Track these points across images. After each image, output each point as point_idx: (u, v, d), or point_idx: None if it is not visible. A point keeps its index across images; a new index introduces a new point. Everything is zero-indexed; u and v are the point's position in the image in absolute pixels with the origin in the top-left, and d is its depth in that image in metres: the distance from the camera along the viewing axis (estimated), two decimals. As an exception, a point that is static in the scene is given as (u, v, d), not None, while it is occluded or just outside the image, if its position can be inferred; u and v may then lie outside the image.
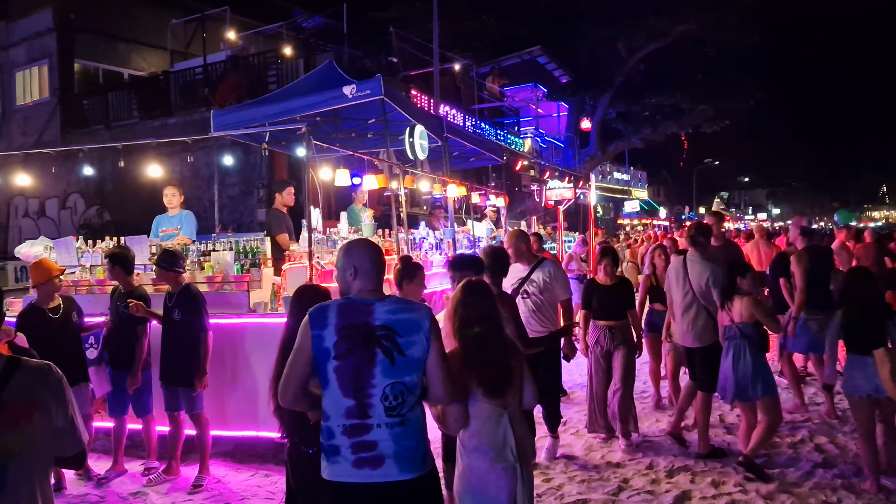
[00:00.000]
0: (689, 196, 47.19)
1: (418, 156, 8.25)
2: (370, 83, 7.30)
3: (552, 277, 5.24)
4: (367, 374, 2.50)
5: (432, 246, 8.82)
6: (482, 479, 2.96)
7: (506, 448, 2.97)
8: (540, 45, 26.85)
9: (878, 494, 4.66)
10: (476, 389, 2.95)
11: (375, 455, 2.49)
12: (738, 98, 21.55)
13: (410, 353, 2.53)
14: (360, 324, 2.53)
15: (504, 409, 3.00)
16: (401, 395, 2.51)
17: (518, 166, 17.00)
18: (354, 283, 2.66)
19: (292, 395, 2.61)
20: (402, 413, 2.52)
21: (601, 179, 32.20)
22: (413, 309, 2.64)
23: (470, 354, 2.98)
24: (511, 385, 3.03)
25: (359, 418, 2.50)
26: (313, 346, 2.54)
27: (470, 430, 2.99)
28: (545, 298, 5.23)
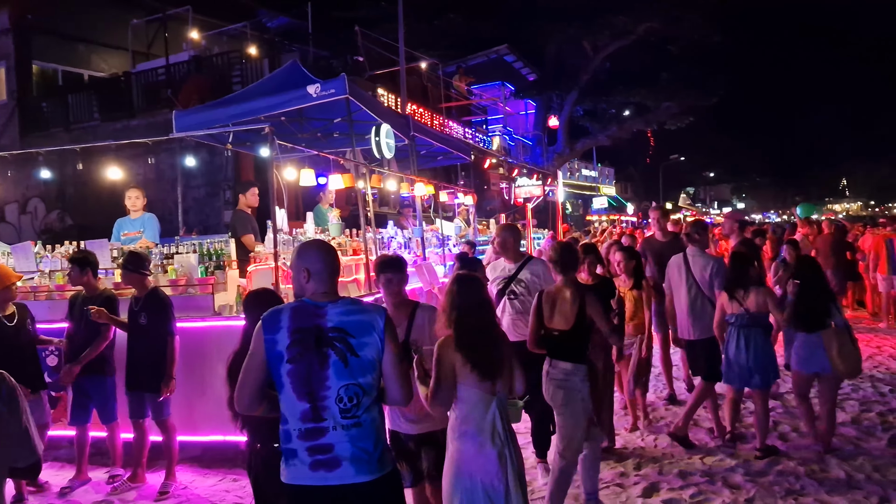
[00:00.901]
0: (656, 192, 47.70)
1: (385, 155, 8.21)
2: (335, 82, 7.25)
3: (542, 277, 4.92)
4: (321, 376, 2.49)
5: (401, 245, 8.80)
6: (470, 462, 3.04)
7: (494, 433, 3.06)
8: (507, 43, 26.95)
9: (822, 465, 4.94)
10: (468, 375, 3.03)
11: (331, 457, 2.48)
12: (701, 95, 21.88)
13: (364, 355, 2.52)
14: (311, 326, 2.52)
15: (493, 396, 3.09)
16: (355, 396, 2.50)
17: (486, 164, 17.06)
18: (308, 286, 2.64)
19: (248, 400, 2.60)
20: (358, 415, 2.51)
21: (569, 176, 32.42)
22: (366, 310, 2.62)
23: (464, 341, 3.05)
24: (502, 371, 3.13)
25: (313, 421, 2.49)
26: (266, 351, 2.53)
27: (460, 415, 3.09)
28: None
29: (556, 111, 25.00)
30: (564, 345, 4.19)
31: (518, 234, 5.30)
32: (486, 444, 3.03)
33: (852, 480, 4.78)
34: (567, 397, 4.14)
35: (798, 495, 4.57)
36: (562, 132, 24.52)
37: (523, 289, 4.94)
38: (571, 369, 4.15)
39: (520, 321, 4.87)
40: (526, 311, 4.80)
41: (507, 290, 4.95)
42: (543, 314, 4.25)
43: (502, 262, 5.07)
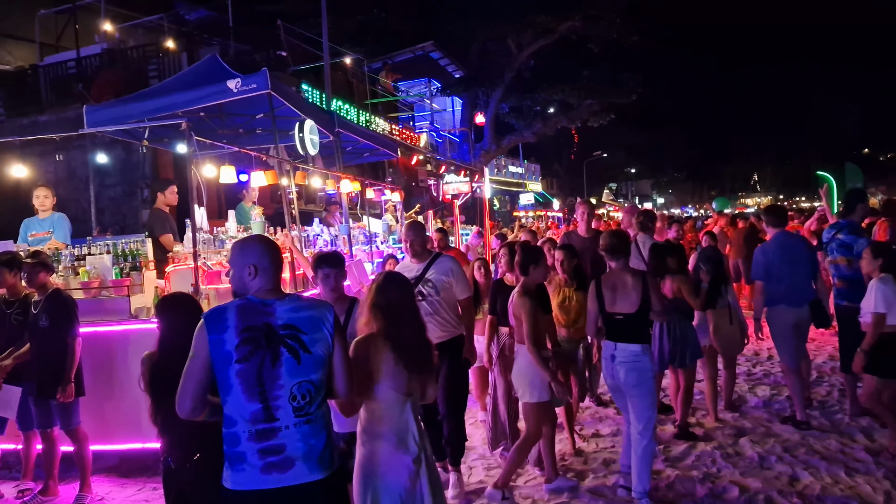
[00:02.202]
0: (580, 188, 48.79)
1: (309, 151, 8.09)
2: (256, 77, 7.09)
3: (450, 274, 4.69)
4: (273, 375, 2.43)
5: (327, 243, 8.69)
6: (383, 464, 2.98)
7: (408, 435, 3.02)
8: (432, 40, 26.96)
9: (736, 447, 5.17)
10: (389, 374, 2.97)
11: (284, 458, 2.42)
12: (620, 93, 22.46)
13: (316, 351, 2.50)
14: (261, 324, 2.46)
15: (408, 398, 3.05)
16: (308, 393, 2.47)
17: (414, 161, 17.02)
18: (254, 283, 2.57)
19: (191, 405, 2.48)
20: (311, 412, 2.48)
21: (497, 173, 32.76)
22: (315, 306, 2.60)
23: (393, 337, 3.01)
24: (425, 372, 3.10)
25: (266, 422, 2.42)
26: (212, 352, 2.43)
27: (374, 415, 3.02)
28: (444, 298, 4.67)
29: (482, 108, 25.17)
30: (631, 328, 4.32)
31: (422, 231, 4.90)
32: (401, 446, 2.98)
33: (765, 462, 5.01)
34: (640, 378, 4.30)
35: (714, 478, 4.76)
36: (488, 129, 24.72)
37: (431, 289, 4.65)
38: (641, 350, 4.31)
39: (431, 323, 4.44)
40: (436, 311, 4.63)
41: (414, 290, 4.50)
42: (604, 300, 4.37)
43: (408, 262, 4.82)
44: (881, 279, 4.91)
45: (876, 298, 4.85)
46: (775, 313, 5.84)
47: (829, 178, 38.03)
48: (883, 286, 4.86)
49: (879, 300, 4.83)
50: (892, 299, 4.82)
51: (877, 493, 4.39)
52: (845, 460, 4.96)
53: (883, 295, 4.83)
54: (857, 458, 4.97)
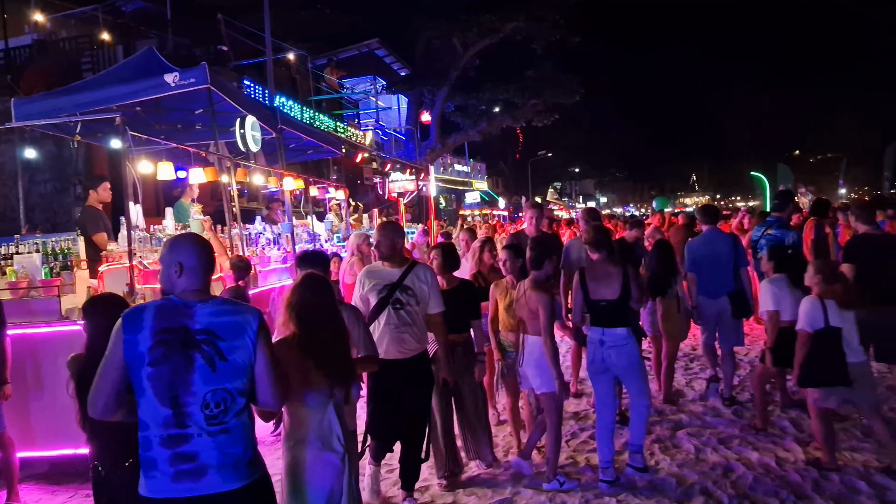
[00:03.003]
0: (525, 187, 49.29)
1: (251, 148, 7.95)
2: (194, 71, 6.93)
3: (430, 284, 4.32)
4: (185, 381, 2.33)
5: (269, 241, 8.56)
6: (309, 469, 2.95)
7: (332, 437, 2.98)
8: (378, 37, 26.84)
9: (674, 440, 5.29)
10: (308, 377, 2.92)
11: (196, 466, 2.33)
12: (563, 93, 22.79)
13: (234, 359, 2.39)
14: (177, 327, 2.36)
15: (330, 399, 3.01)
16: (223, 402, 2.37)
17: (358, 159, 16.91)
18: (179, 282, 2.47)
19: (102, 407, 2.39)
20: (225, 420, 2.38)
21: (442, 171, 32.81)
22: (239, 311, 2.48)
23: (310, 340, 2.95)
24: (344, 374, 3.05)
25: (177, 428, 2.33)
26: (125, 352, 2.34)
27: (297, 419, 2.97)
28: (421, 310, 4.30)
29: (427, 106, 25.21)
30: (616, 312, 4.65)
31: (401, 234, 4.52)
32: (326, 448, 2.95)
33: (701, 454, 5.15)
34: (630, 358, 4.67)
35: (654, 471, 4.86)
36: (434, 127, 24.75)
37: (410, 297, 4.23)
38: (627, 333, 4.67)
39: (407, 335, 4.21)
40: (415, 322, 4.24)
41: (391, 298, 4.21)
42: (588, 289, 4.69)
43: (380, 266, 4.35)
44: (771, 280, 5.32)
45: (767, 298, 5.24)
46: (700, 303, 6.41)
47: (763, 178, 39.54)
48: (772, 286, 5.25)
49: (769, 299, 5.21)
50: (780, 297, 5.19)
51: (805, 481, 4.56)
52: (776, 450, 5.14)
53: (772, 294, 5.21)
54: (786, 448, 5.15)
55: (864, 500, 4.25)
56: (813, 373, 4.63)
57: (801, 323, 4.67)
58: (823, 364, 4.58)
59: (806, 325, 4.62)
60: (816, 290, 4.72)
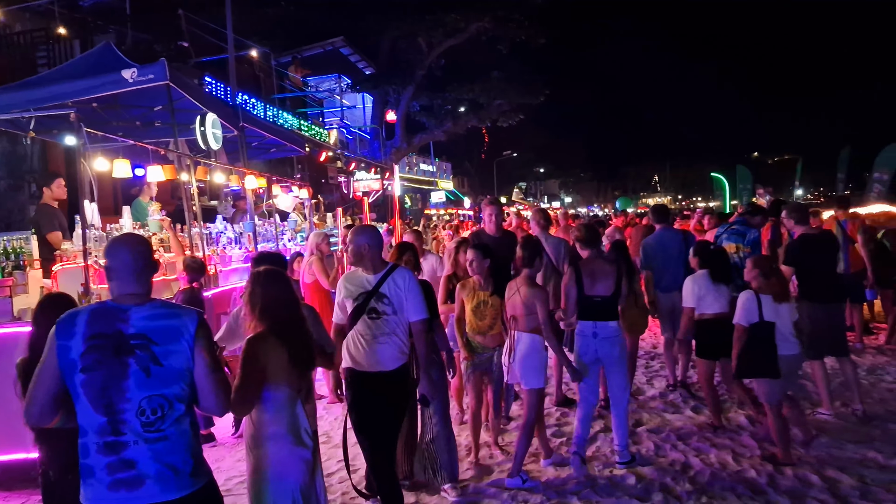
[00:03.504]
0: (491, 186, 49.49)
1: (211, 146, 7.83)
2: (153, 67, 6.79)
3: (408, 290, 3.92)
4: (119, 387, 2.26)
5: (231, 241, 8.44)
6: (282, 464, 2.94)
7: (302, 432, 2.99)
8: (342, 35, 26.67)
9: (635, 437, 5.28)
10: (280, 372, 2.92)
11: (134, 475, 2.27)
12: (529, 94, 22.93)
13: (169, 364, 2.32)
14: (110, 332, 2.29)
15: (298, 395, 3.02)
16: (160, 408, 2.30)
17: (322, 157, 16.78)
18: (114, 286, 2.40)
19: (37, 413, 2.33)
20: (163, 428, 2.31)
21: (408, 171, 32.77)
22: (176, 314, 2.40)
23: (281, 334, 2.95)
24: (311, 367, 3.10)
25: (113, 435, 2.27)
26: (59, 359, 2.27)
27: (266, 416, 2.96)
28: (401, 319, 3.94)
29: (393, 106, 25.13)
30: (609, 308, 4.88)
31: (377, 237, 4.09)
32: (298, 443, 2.96)
33: (660, 450, 5.23)
34: (621, 351, 4.93)
35: (613, 468, 4.92)
36: (399, 127, 24.69)
37: (386, 305, 3.88)
38: (617, 326, 4.91)
39: (385, 346, 3.88)
40: (394, 332, 3.89)
41: (366, 307, 3.88)
42: (584, 284, 4.86)
43: (358, 272, 4.00)
44: (693, 276, 5.58)
45: (687, 294, 5.54)
46: (656, 298, 6.75)
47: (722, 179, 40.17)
48: (692, 283, 5.51)
49: (689, 295, 5.51)
50: (700, 293, 5.45)
51: (760, 475, 4.66)
52: (733, 446, 5.24)
53: (692, 290, 5.49)
54: (743, 444, 5.26)
55: (817, 493, 4.36)
56: (747, 364, 4.89)
57: (738, 317, 4.92)
58: (756, 356, 4.84)
59: (742, 319, 4.88)
60: (754, 285, 4.95)
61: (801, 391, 6.19)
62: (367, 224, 6.18)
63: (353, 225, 9.04)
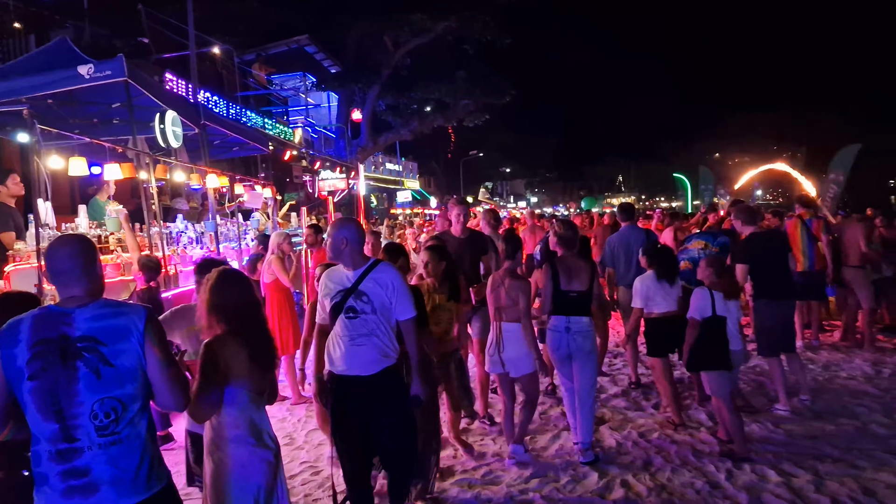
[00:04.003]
0: (457, 186, 49.57)
1: (171, 143, 7.70)
2: (111, 63, 6.68)
3: (391, 287, 3.64)
4: (69, 392, 2.20)
5: (192, 240, 8.31)
6: (245, 467, 2.88)
7: (264, 434, 2.95)
8: (308, 33, 26.44)
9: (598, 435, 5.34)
10: (242, 374, 2.87)
11: (88, 482, 2.21)
12: (495, 94, 23.01)
13: (120, 364, 2.25)
14: (55, 337, 2.22)
15: (261, 396, 2.99)
16: (113, 411, 2.24)
17: (287, 156, 16.61)
18: (58, 290, 2.34)
19: None
20: (118, 431, 2.25)
21: (374, 170, 32.66)
22: (123, 313, 2.32)
23: (243, 334, 2.90)
24: (273, 367, 3.06)
25: (66, 442, 2.21)
26: (4, 368, 2.21)
27: (227, 419, 2.90)
28: (383, 317, 3.66)
29: (358, 105, 25.01)
30: (583, 303, 5.03)
31: (357, 231, 3.77)
32: (260, 444, 2.92)
33: (622, 448, 5.29)
34: (592, 345, 5.07)
35: (576, 466, 4.96)
36: (365, 126, 24.58)
37: (365, 304, 3.62)
38: (589, 321, 5.05)
39: (366, 347, 3.62)
40: (375, 333, 3.62)
41: (343, 305, 3.64)
42: (560, 280, 4.98)
43: (339, 269, 3.75)
44: (641, 277, 5.73)
45: (635, 294, 5.69)
46: (619, 293, 6.96)
47: (685, 179, 40.77)
48: (640, 284, 5.66)
49: (637, 296, 5.67)
50: (648, 293, 5.61)
51: (719, 471, 4.74)
52: (693, 443, 5.31)
53: (639, 291, 5.65)
54: (702, 441, 5.34)
55: (773, 487, 4.44)
56: (700, 357, 5.08)
57: (692, 311, 5.10)
58: (710, 349, 5.01)
59: (696, 313, 5.07)
60: (707, 282, 5.16)
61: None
62: (347, 217, 6.00)
63: (317, 224, 8.97)
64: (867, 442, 5.16)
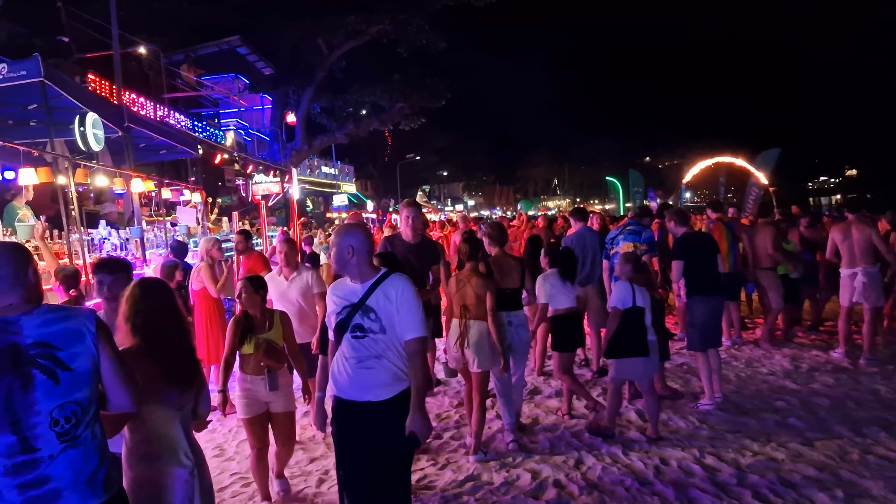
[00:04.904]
0: (394, 189, 49.46)
1: (92, 147, 7.42)
2: (26, 63, 6.41)
3: (400, 302, 3.20)
4: (26, 401, 2.12)
5: (115, 247, 8.02)
6: (157, 485, 2.79)
7: (180, 451, 2.84)
8: (239, 34, 25.93)
9: (532, 437, 5.37)
10: (155, 389, 2.75)
11: (49, 490, 2.15)
12: (430, 97, 23.03)
13: (77, 367, 2.21)
14: (3, 347, 2.14)
15: (179, 412, 2.87)
16: (73, 415, 2.19)
17: (218, 160, 16.22)
18: None
19: None
20: (78, 434, 2.20)
21: (309, 174, 32.26)
22: (72, 316, 2.29)
23: (156, 348, 2.78)
24: (193, 383, 2.93)
25: (24, 454, 2.13)
26: None
27: (141, 436, 2.79)
28: (393, 337, 3.23)
29: (293, 107, 24.62)
30: (517, 299, 5.44)
31: (365, 238, 3.33)
32: (175, 462, 2.82)
33: (555, 448, 5.36)
34: (528, 335, 5.52)
35: (511, 467, 5.00)
36: (299, 129, 24.22)
37: (373, 322, 3.21)
38: (524, 315, 5.50)
39: (374, 370, 3.20)
40: (384, 355, 3.20)
41: (349, 323, 3.24)
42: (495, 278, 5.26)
43: (346, 281, 3.34)
44: (544, 276, 5.99)
45: (539, 292, 5.93)
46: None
47: (616, 182, 41.84)
48: (543, 282, 5.93)
49: (541, 293, 5.93)
50: (552, 291, 5.89)
51: (648, 468, 4.86)
52: (623, 440, 5.44)
53: (543, 289, 5.90)
54: (631, 439, 5.47)
55: (698, 482, 4.58)
56: (619, 345, 5.42)
57: (613, 301, 5.48)
58: (629, 338, 5.38)
59: (618, 303, 5.42)
60: (625, 277, 5.51)
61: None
62: (354, 223, 5.71)
63: (247, 230, 8.73)
64: (786, 435, 5.39)
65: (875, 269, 7.56)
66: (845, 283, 7.73)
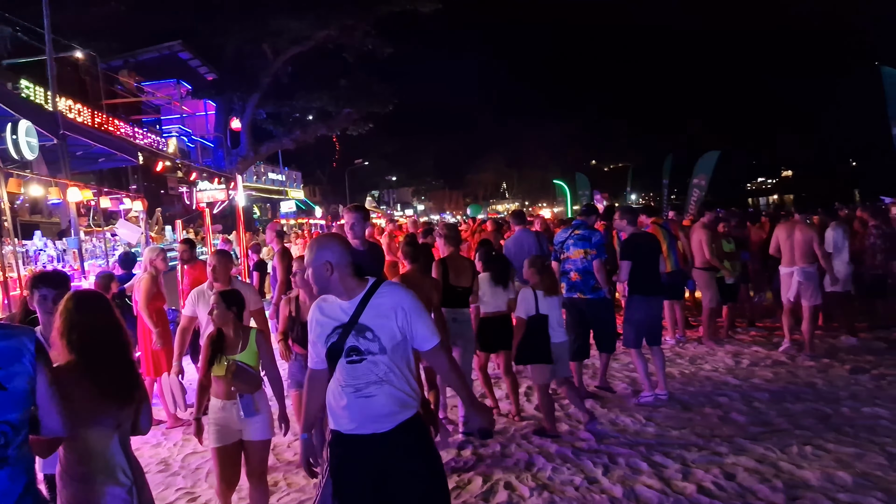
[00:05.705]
0: (343, 195, 49.10)
1: (25, 155, 7.17)
2: (-49, 69, 6.11)
3: (404, 311, 2.86)
4: None
5: (52, 259, 7.75)
6: None
7: (117, 470, 2.73)
8: (181, 39, 25.39)
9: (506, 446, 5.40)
10: (92, 406, 2.65)
11: None
12: (377, 103, 23.00)
13: (14, 386, 2.13)
14: None
15: (116, 430, 2.76)
16: (3, 435, 2.09)
17: (159, 167, 15.84)
18: None
19: None
20: (7, 455, 2.11)
21: (256, 180, 31.80)
22: (12, 334, 2.22)
23: (92, 364, 2.67)
24: (133, 400, 2.82)
25: None
26: None
27: (74, 455, 2.68)
28: (395, 357, 2.86)
29: (237, 113, 24.25)
30: (466, 297, 5.76)
31: (342, 249, 2.95)
32: (112, 482, 2.71)
33: (506, 450, 5.39)
34: (472, 334, 5.87)
35: (461, 472, 5.01)
36: (245, 135, 23.88)
37: (371, 342, 2.84)
38: (469, 313, 5.84)
39: (378, 397, 2.83)
40: (383, 379, 2.82)
41: (342, 347, 2.86)
42: (450, 276, 5.56)
43: (332, 299, 2.95)
44: (480, 276, 6.15)
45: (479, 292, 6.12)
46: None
47: (564, 185, 42.43)
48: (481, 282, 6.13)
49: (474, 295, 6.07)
50: (481, 294, 6.06)
51: (597, 466, 4.93)
52: (572, 440, 5.51)
53: (481, 289, 6.08)
54: (581, 438, 5.55)
55: (645, 479, 4.67)
56: (526, 352, 5.61)
57: (519, 311, 5.63)
58: (534, 345, 5.57)
59: (522, 312, 5.63)
60: (532, 282, 5.66)
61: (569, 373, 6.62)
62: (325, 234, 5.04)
63: (192, 240, 8.49)
64: (728, 429, 5.55)
65: (812, 268, 7.84)
66: (785, 281, 8.02)
